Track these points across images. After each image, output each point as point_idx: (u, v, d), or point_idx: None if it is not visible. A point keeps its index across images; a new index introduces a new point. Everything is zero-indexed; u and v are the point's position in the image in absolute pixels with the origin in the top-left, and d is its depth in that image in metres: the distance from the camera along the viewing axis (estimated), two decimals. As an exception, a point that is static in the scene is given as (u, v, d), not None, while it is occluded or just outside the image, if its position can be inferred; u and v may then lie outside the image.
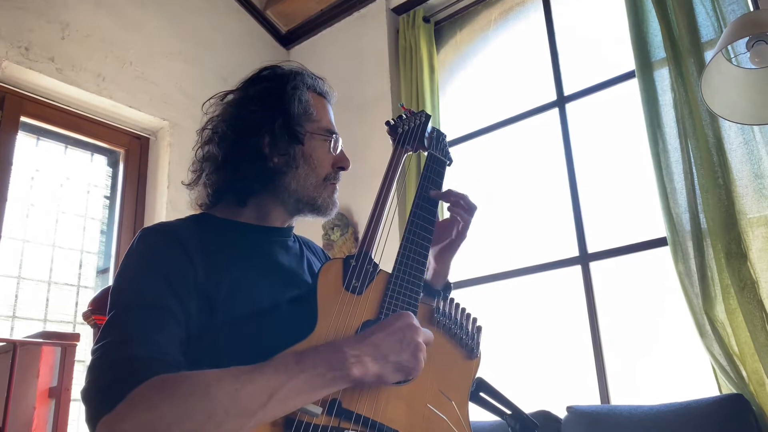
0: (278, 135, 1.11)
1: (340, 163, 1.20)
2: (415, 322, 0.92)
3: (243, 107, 1.14)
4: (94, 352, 0.88)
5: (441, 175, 1.30)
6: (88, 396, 0.83)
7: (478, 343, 1.05)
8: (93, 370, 0.85)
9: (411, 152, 1.32)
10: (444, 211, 1.35)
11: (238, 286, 1.00)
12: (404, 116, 1.36)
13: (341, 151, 1.21)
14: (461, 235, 1.31)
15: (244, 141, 1.11)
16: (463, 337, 1.04)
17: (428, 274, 1.32)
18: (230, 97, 1.18)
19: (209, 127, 1.17)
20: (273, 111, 1.12)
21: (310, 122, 1.15)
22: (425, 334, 0.93)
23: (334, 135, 1.18)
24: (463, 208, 1.28)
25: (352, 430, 0.86)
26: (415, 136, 1.31)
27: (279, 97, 1.13)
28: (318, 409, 0.84)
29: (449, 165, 1.36)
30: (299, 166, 1.13)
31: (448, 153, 1.37)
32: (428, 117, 1.35)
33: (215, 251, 1.03)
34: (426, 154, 1.33)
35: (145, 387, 0.77)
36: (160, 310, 0.90)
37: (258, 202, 1.14)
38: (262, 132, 1.11)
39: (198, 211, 1.17)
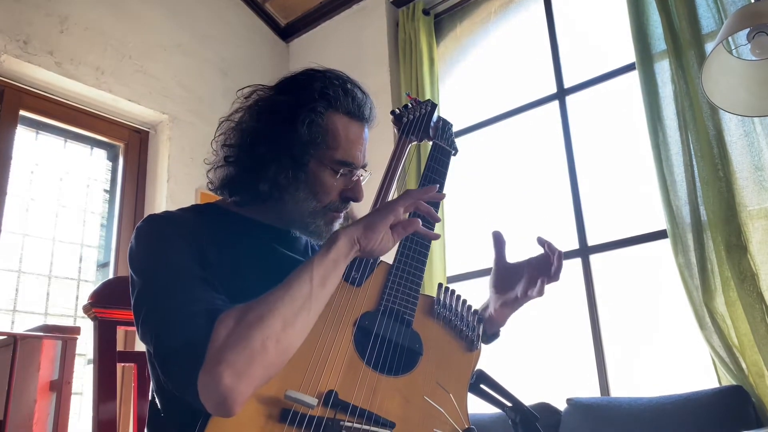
0: (282, 156, 1.06)
1: (349, 194, 1.12)
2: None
3: (261, 115, 1.09)
4: (148, 330, 0.91)
5: (445, 166, 1.27)
6: (170, 368, 0.86)
7: (478, 336, 1.05)
8: (162, 346, 0.88)
9: (416, 142, 1.29)
10: (443, 208, 1.33)
11: (243, 278, 1.00)
12: (410, 105, 1.34)
13: (357, 182, 1.13)
14: (528, 299, 1.24)
15: (249, 150, 1.08)
16: (464, 329, 1.04)
17: (485, 314, 1.25)
18: (260, 94, 1.13)
19: (233, 118, 1.13)
20: (282, 130, 1.06)
21: (322, 149, 1.07)
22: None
23: (344, 168, 1.09)
24: (550, 278, 1.23)
25: (347, 421, 0.86)
26: (420, 125, 1.29)
27: (293, 115, 1.06)
28: (313, 401, 0.84)
29: (454, 155, 1.32)
30: (299, 189, 1.07)
31: (453, 143, 1.33)
32: (434, 106, 1.33)
33: (219, 239, 1.03)
34: (431, 144, 1.31)
35: (218, 329, 0.84)
36: (195, 278, 0.94)
37: (258, 205, 1.12)
38: (268, 148, 1.06)
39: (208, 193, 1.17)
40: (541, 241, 1.23)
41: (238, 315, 0.86)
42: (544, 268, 1.22)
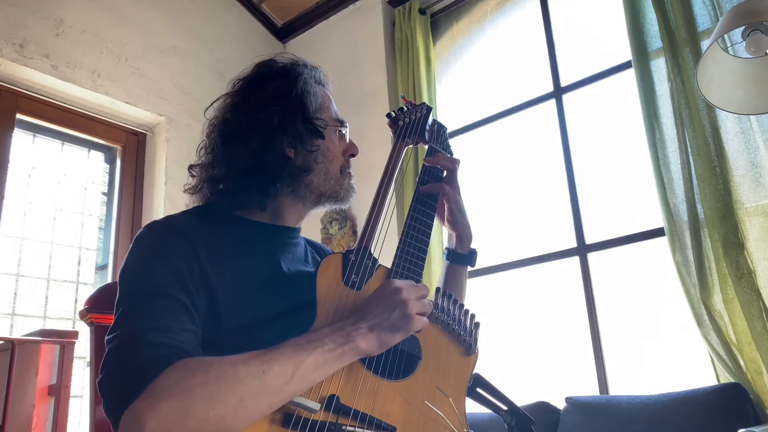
0: (301, 133, 1.10)
1: (351, 151, 1.21)
2: (399, 284, 0.96)
3: (260, 109, 1.10)
4: (109, 341, 0.88)
5: (441, 170, 1.29)
6: (107, 386, 0.82)
7: (476, 340, 1.05)
8: (111, 360, 0.85)
9: (411, 145, 1.30)
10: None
11: (244, 290, 0.99)
12: (405, 108, 1.35)
13: (350, 139, 1.23)
14: (452, 185, 1.28)
15: (268, 144, 1.08)
16: (461, 333, 1.04)
17: (452, 243, 1.32)
18: (238, 99, 1.14)
19: (221, 131, 1.12)
20: (292, 109, 1.11)
21: (326, 114, 1.16)
22: (415, 289, 0.96)
23: (341, 126, 1.19)
24: (446, 159, 1.29)
25: (349, 425, 0.86)
26: (416, 129, 1.29)
27: (294, 93, 1.12)
28: (316, 405, 0.84)
29: None
30: (320, 162, 1.13)
31: (448, 146, 1.35)
32: (429, 109, 1.34)
33: (222, 248, 1.01)
34: (426, 147, 1.32)
35: (171, 372, 0.78)
36: (175, 302, 0.90)
37: (276, 201, 1.12)
38: (286, 133, 1.09)
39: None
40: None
41: (197, 369, 0.79)
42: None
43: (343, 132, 1.20)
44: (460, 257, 1.31)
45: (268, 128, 1.09)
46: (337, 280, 1.00)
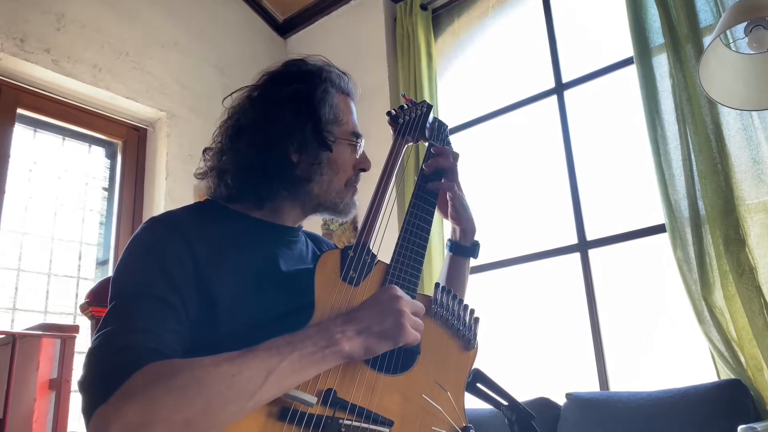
0: (308, 141, 1.09)
1: (362, 165, 1.19)
2: (399, 292, 0.94)
3: (273, 109, 1.10)
4: (93, 342, 0.88)
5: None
6: (83, 386, 0.83)
7: (475, 335, 1.05)
8: (89, 360, 0.85)
9: (411, 143, 1.30)
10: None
11: (243, 290, 0.98)
12: (405, 106, 1.35)
13: (363, 152, 1.20)
14: (454, 181, 1.27)
15: (272, 145, 1.08)
16: (461, 329, 1.04)
17: (456, 236, 1.32)
18: (257, 93, 1.14)
19: (233, 123, 1.13)
20: (304, 116, 1.10)
21: (338, 127, 1.14)
22: (412, 304, 0.95)
23: (357, 140, 1.17)
24: (445, 158, 1.27)
25: (346, 419, 0.86)
26: (416, 126, 1.29)
27: (310, 101, 1.11)
28: (313, 399, 0.84)
29: None
30: (324, 173, 1.11)
31: (449, 144, 1.35)
32: (429, 107, 1.34)
33: (221, 245, 1.01)
34: (426, 144, 1.32)
35: (140, 375, 0.78)
36: (161, 303, 0.90)
37: (275, 202, 1.12)
38: (293, 138, 1.08)
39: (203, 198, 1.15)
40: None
41: (165, 372, 0.78)
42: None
43: (357, 146, 1.17)
44: (463, 249, 1.31)
45: (275, 130, 1.08)
46: (335, 275, 1.00)
